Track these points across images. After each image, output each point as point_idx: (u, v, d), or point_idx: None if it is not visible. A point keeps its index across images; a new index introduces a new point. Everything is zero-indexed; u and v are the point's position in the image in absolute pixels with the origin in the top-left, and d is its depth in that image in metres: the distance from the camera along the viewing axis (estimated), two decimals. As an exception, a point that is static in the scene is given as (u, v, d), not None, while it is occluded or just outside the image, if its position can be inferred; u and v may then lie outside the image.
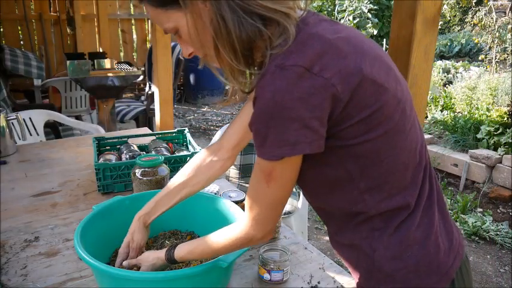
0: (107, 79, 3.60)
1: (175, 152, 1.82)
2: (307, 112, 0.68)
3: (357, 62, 0.72)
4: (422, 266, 0.80)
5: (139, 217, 1.07)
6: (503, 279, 2.72)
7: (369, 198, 0.79)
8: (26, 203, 1.55)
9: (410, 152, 0.81)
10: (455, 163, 4.02)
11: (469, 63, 7.10)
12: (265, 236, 0.84)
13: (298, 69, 0.68)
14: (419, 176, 0.83)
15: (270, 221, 0.82)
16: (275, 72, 0.69)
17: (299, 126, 0.69)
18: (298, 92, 0.68)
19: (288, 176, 0.77)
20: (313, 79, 0.68)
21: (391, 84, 0.76)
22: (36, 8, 6.07)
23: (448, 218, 0.88)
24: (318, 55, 0.70)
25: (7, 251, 1.24)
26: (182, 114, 6.38)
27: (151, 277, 0.92)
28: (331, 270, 1.18)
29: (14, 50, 3.90)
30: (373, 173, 0.78)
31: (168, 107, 2.57)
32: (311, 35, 0.73)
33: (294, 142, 0.70)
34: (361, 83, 0.71)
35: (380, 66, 0.76)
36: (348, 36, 0.75)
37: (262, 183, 0.77)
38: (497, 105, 4.76)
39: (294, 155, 0.71)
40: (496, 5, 7.57)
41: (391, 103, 0.75)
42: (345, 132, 0.73)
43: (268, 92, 0.69)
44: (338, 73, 0.69)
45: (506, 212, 3.50)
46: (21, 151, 2.09)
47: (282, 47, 0.72)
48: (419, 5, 1.24)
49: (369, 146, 0.75)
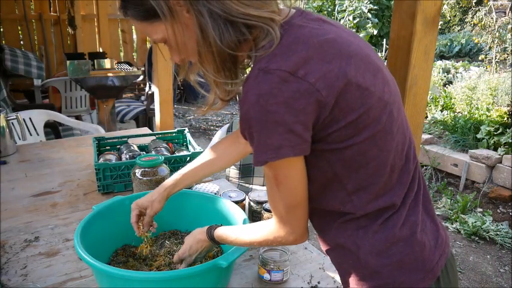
0: (107, 79, 3.60)
1: (175, 152, 1.82)
2: (291, 116, 0.68)
3: (342, 66, 0.71)
4: (407, 263, 0.81)
5: (165, 188, 1.10)
6: (503, 279, 2.72)
7: (356, 199, 0.80)
8: (26, 203, 1.55)
9: (397, 153, 0.81)
10: (455, 163, 4.02)
11: (469, 63, 7.10)
12: (297, 238, 0.83)
13: (283, 73, 0.68)
14: (406, 177, 0.84)
15: (295, 224, 0.81)
16: (258, 76, 0.70)
17: (283, 131, 0.69)
18: (283, 96, 0.68)
19: (293, 178, 0.76)
20: (298, 83, 0.68)
21: (378, 87, 0.76)
22: (36, 8, 6.07)
23: (433, 216, 0.89)
24: (303, 59, 0.70)
25: (7, 251, 1.24)
26: (182, 114, 6.38)
27: (152, 277, 0.92)
28: (331, 270, 1.18)
29: (14, 50, 3.90)
30: (360, 175, 0.78)
31: (168, 107, 2.57)
32: (296, 38, 0.72)
33: (277, 146, 0.70)
34: (345, 88, 0.71)
35: (367, 68, 0.76)
36: (334, 38, 0.74)
37: (273, 187, 0.78)
38: (497, 105, 4.76)
39: (278, 159, 0.71)
40: (496, 5, 7.57)
41: (377, 106, 0.75)
42: (332, 136, 0.74)
43: (253, 95, 0.69)
44: (323, 78, 0.69)
45: (506, 212, 3.50)
46: (21, 151, 2.09)
47: (267, 50, 0.72)
48: (419, 5, 1.24)
49: (356, 149, 0.76)
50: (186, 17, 0.75)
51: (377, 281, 0.82)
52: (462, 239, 3.16)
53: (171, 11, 0.75)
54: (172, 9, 0.75)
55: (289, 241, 0.84)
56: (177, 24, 0.76)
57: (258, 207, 1.35)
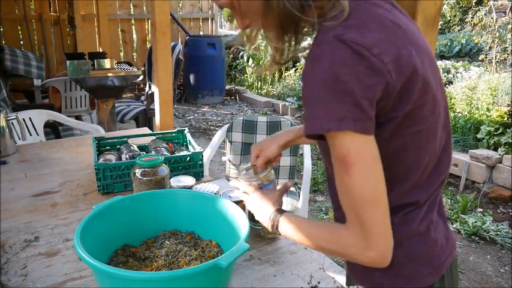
0: (107, 79, 3.60)
1: (175, 152, 1.82)
2: (360, 90, 0.66)
3: (412, 54, 0.71)
4: (418, 256, 0.83)
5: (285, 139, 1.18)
6: (503, 279, 2.72)
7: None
8: (26, 203, 1.55)
9: (433, 155, 0.81)
10: (455, 163, 4.02)
11: (469, 63, 7.09)
12: (377, 256, 0.71)
13: (358, 47, 0.67)
14: (436, 179, 0.84)
15: (375, 231, 0.70)
16: (333, 43, 0.67)
17: (350, 102, 0.67)
18: (356, 70, 0.66)
19: (368, 159, 0.69)
20: (372, 60, 0.67)
21: (435, 85, 0.76)
22: (36, 8, 6.07)
23: (445, 218, 0.91)
24: (378, 38, 0.68)
25: (7, 251, 1.24)
26: (182, 114, 6.37)
27: (152, 277, 0.92)
28: (331, 270, 1.18)
29: (14, 50, 3.90)
30: (395, 169, 0.77)
31: (168, 107, 2.57)
32: (371, 16, 0.71)
33: (341, 117, 0.67)
34: (411, 77, 0.70)
35: (430, 64, 0.76)
36: (406, 26, 0.74)
37: (343, 177, 0.71)
38: (497, 105, 4.75)
39: (339, 130, 0.67)
40: (496, 5, 7.57)
41: (430, 103, 0.75)
42: (385, 125, 0.72)
43: (326, 61, 0.67)
44: (394, 61, 0.68)
45: (506, 212, 3.50)
46: (21, 151, 2.09)
47: (339, 19, 0.70)
48: (419, 5, 1.24)
49: (400, 143, 0.75)
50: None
51: (387, 270, 0.82)
52: (462, 239, 3.16)
53: None
54: None
55: (366, 258, 0.72)
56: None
57: (258, 207, 1.35)
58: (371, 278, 0.86)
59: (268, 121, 2.50)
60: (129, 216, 1.18)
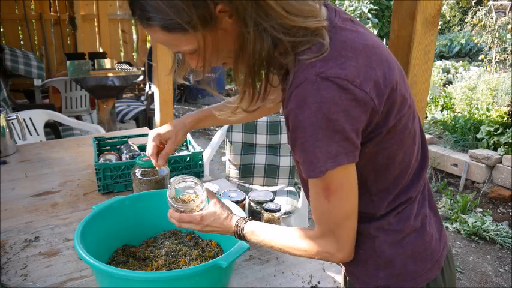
0: (107, 79, 3.60)
1: (175, 152, 1.82)
2: (348, 124, 0.68)
3: (386, 72, 0.72)
4: (419, 253, 0.84)
5: (190, 120, 1.13)
6: (503, 279, 2.72)
7: (377, 199, 0.82)
8: (26, 203, 1.55)
9: (417, 155, 0.84)
10: (455, 163, 4.02)
11: (469, 63, 7.10)
12: (345, 257, 0.80)
13: (342, 81, 0.67)
14: (423, 173, 0.86)
15: (345, 240, 0.78)
16: (317, 82, 0.67)
17: (340, 138, 0.68)
18: (343, 105, 0.67)
19: (346, 187, 0.74)
20: (356, 92, 0.67)
21: (407, 93, 0.78)
22: (36, 8, 6.07)
23: (436, 210, 0.92)
24: (356, 67, 0.69)
25: (7, 251, 1.24)
26: (182, 114, 6.38)
27: (152, 277, 0.92)
28: (331, 270, 1.18)
29: (14, 50, 3.90)
30: (386, 177, 0.80)
31: (168, 107, 2.57)
32: (343, 42, 0.71)
33: (335, 154, 0.69)
34: (390, 95, 0.72)
35: (400, 75, 0.77)
36: (373, 44, 0.74)
37: (322, 200, 0.75)
38: (497, 105, 4.76)
39: (335, 167, 0.70)
40: (496, 5, 7.57)
41: (407, 113, 0.77)
42: (372, 142, 0.74)
43: (314, 103, 0.67)
44: (374, 86, 0.70)
45: (506, 212, 3.50)
46: (21, 151, 2.09)
47: (314, 54, 0.69)
48: (419, 5, 1.24)
49: (387, 154, 0.77)
50: (228, 22, 0.69)
51: (390, 270, 0.84)
52: (462, 239, 3.16)
53: (215, 19, 0.68)
54: (217, 17, 0.68)
55: (336, 258, 0.81)
56: (216, 32, 0.70)
57: (258, 207, 1.35)
58: (374, 280, 0.85)
59: (268, 121, 2.50)
60: (129, 216, 1.18)
